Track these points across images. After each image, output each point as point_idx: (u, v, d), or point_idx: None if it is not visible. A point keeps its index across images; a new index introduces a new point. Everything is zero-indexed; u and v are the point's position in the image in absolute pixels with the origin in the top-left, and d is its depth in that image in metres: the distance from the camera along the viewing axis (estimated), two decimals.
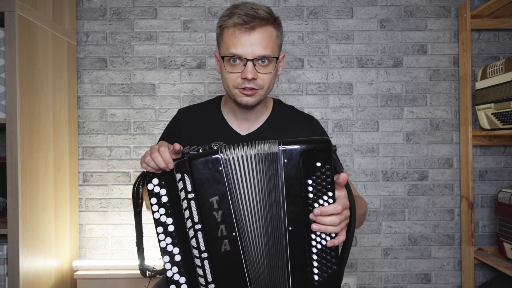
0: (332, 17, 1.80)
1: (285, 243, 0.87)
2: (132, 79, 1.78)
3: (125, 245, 1.77)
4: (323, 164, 0.86)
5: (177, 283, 0.91)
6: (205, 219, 0.86)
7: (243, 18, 0.99)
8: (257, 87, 1.03)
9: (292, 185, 0.87)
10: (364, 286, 1.80)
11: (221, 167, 0.86)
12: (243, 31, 0.99)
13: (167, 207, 0.90)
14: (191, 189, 0.85)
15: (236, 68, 1.02)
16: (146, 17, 1.79)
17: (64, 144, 1.63)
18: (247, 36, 0.99)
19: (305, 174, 0.86)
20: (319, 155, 0.86)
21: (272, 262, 0.88)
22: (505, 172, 1.80)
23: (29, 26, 1.38)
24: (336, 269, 0.88)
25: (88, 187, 1.77)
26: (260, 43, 1.00)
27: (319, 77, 1.80)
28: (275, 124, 1.16)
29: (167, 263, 0.91)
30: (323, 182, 0.86)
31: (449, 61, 1.80)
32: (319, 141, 0.88)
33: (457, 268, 1.80)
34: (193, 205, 0.86)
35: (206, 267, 0.86)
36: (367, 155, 1.80)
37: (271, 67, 1.04)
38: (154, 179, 0.90)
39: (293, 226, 0.87)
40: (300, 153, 0.86)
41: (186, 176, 0.85)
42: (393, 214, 1.80)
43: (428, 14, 1.80)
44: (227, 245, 0.86)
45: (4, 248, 1.36)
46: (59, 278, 1.57)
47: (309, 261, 0.88)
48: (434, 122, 1.80)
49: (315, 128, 1.19)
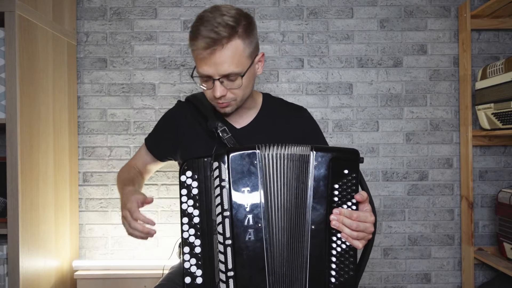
0: (332, 17, 1.80)
1: (306, 241, 0.91)
2: (132, 79, 1.78)
3: (125, 245, 1.77)
4: (350, 172, 0.92)
5: (193, 275, 0.93)
6: (234, 207, 0.90)
7: (203, 44, 0.98)
8: (229, 101, 1.07)
9: (320, 186, 0.92)
10: (364, 286, 1.80)
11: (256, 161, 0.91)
12: (206, 54, 1.00)
13: (196, 200, 0.95)
14: (225, 178, 0.90)
15: (208, 85, 1.06)
16: (146, 17, 1.79)
17: (64, 144, 1.63)
18: (210, 58, 1.00)
19: (333, 179, 0.92)
20: (347, 163, 0.93)
21: (292, 258, 0.91)
22: (505, 172, 1.80)
23: (29, 26, 1.38)
24: (353, 274, 0.91)
25: (88, 187, 1.77)
26: (224, 62, 1.00)
27: (319, 77, 1.80)
28: (267, 116, 1.20)
29: (186, 254, 0.94)
30: (349, 189, 0.92)
31: (449, 61, 1.80)
32: (349, 151, 0.95)
33: (457, 268, 1.80)
34: (225, 193, 0.90)
35: (228, 254, 0.89)
36: (367, 155, 1.80)
37: (239, 81, 1.04)
38: (188, 172, 0.95)
39: (316, 226, 0.91)
40: (330, 158, 0.92)
41: (223, 165, 0.91)
42: (393, 214, 1.80)
43: (428, 14, 1.80)
44: (252, 235, 0.90)
45: (4, 248, 1.36)
46: (59, 278, 1.57)
47: (327, 263, 0.91)
48: (434, 122, 1.80)
49: (306, 118, 1.24)
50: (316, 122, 1.26)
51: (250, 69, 1.06)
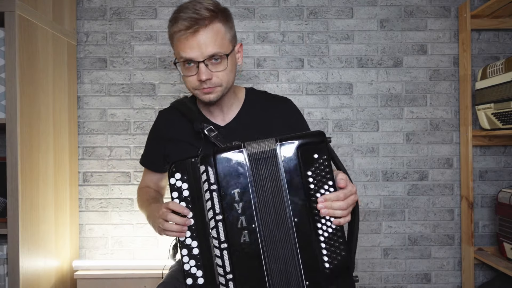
0: (332, 17, 1.80)
1: (292, 234, 0.91)
2: (132, 79, 1.78)
3: (125, 245, 1.77)
4: (320, 155, 0.91)
5: (194, 276, 0.93)
6: (226, 210, 0.90)
7: (186, 23, 1.00)
8: (214, 85, 1.06)
9: (293, 178, 0.91)
10: (364, 286, 1.80)
11: (244, 161, 0.91)
12: (188, 35, 1.00)
13: (188, 201, 0.94)
14: (214, 181, 0.90)
15: (191, 71, 1.05)
16: (146, 17, 1.79)
17: (64, 144, 1.63)
18: (193, 39, 1.01)
19: (304, 167, 0.91)
20: (315, 147, 0.91)
21: (284, 253, 0.91)
22: (505, 172, 1.80)
23: (29, 26, 1.38)
24: (345, 255, 0.91)
25: (88, 187, 1.77)
26: (208, 43, 1.01)
27: (319, 77, 1.80)
28: (250, 111, 1.19)
29: (185, 256, 0.93)
30: (322, 172, 0.91)
31: (449, 61, 1.80)
32: (314, 134, 0.94)
33: (457, 268, 1.80)
34: (215, 196, 0.90)
35: (225, 257, 0.89)
36: (367, 155, 1.80)
37: (224, 63, 1.05)
38: (177, 174, 0.94)
39: (298, 218, 0.91)
40: (297, 146, 0.91)
41: (210, 168, 0.90)
42: (393, 214, 1.80)
43: (428, 14, 1.80)
44: (246, 236, 0.90)
45: (4, 248, 1.36)
46: (59, 278, 1.57)
47: (318, 250, 0.91)
48: (434, 122, 1.80)
49: (289, 108, 1.22)
50: (300, 112, 1.25)
51: (232, 54, 1.08)
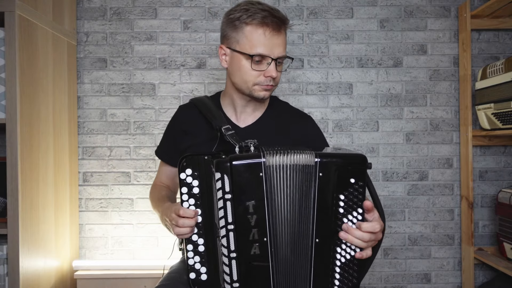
0: (332, 17, 1.80)
1: (310, 254, 0.89)
2: (132, 79, 1.78)
3: (125, 245, 1.77)
4: (357, 180, 0.86)
5: (198, 272, 0.93)
6: (238, 221, 0.86)
7: (276, 22, 1.03)
8: (274, 84, 1.10)
9: (324, 198, 0.87)
10: (364, 286, 1.80)
11: (261, 173, 0.86)
12: (274, 34, 1.04)
13: (197, 198, 0.92)
14: (229, 190, 0.86)
15: (260, 67, 1.06)
16: (146, 17, 1.79)
17: (64, 144, 1.63)
18: (277, 39, 1.04)
19: (338, 189, 0.87)
20: (354, 171, 0.86)
21: (296, 270, 0.90)
22: (505, 172, 1.80)
23: (29, 26, 1.38)
24: (356, 283, 0.90)
25: (88, 187, 1.77)
26: (282, 44, 1.07)
27: (319, 77, 1.80)
28: (272, 117, 1.19)
29: (190, 252, 0.93)
30: (355, 199, 0.87)
31: (449, 61, 1.80)
32: (355, 157, 0.87)
33: (457, 268, 1.80)
34: (228, 206, 0.86)
35: (233, 267, 0.88)
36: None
37: (284, 66, 1.13)
38: (188, 169, 0.92)
39: (320, 239, 0.88)
40: (336, 167, 0.86)
41: (226, 176, 0.85)
42: (393, 214, 1.80)
43: (428, 14, 1.80)
44: (257, 249, 0.87)
45: (4, 248, 1.36)
46: (59, 278, 1.57)
47: (331, 273, 0.90)
48: (434, 122, 1.80)
49: (310, 126, 1.23)
50: (320, 130, 1.24)
51: None
